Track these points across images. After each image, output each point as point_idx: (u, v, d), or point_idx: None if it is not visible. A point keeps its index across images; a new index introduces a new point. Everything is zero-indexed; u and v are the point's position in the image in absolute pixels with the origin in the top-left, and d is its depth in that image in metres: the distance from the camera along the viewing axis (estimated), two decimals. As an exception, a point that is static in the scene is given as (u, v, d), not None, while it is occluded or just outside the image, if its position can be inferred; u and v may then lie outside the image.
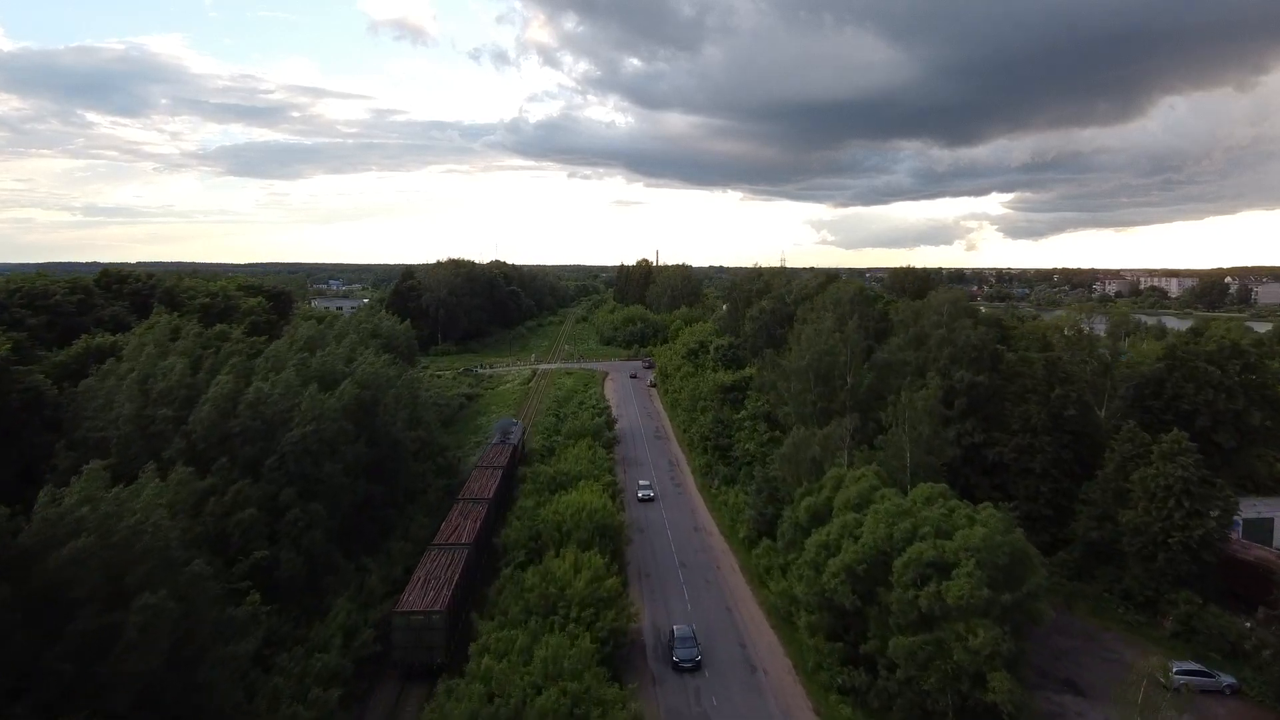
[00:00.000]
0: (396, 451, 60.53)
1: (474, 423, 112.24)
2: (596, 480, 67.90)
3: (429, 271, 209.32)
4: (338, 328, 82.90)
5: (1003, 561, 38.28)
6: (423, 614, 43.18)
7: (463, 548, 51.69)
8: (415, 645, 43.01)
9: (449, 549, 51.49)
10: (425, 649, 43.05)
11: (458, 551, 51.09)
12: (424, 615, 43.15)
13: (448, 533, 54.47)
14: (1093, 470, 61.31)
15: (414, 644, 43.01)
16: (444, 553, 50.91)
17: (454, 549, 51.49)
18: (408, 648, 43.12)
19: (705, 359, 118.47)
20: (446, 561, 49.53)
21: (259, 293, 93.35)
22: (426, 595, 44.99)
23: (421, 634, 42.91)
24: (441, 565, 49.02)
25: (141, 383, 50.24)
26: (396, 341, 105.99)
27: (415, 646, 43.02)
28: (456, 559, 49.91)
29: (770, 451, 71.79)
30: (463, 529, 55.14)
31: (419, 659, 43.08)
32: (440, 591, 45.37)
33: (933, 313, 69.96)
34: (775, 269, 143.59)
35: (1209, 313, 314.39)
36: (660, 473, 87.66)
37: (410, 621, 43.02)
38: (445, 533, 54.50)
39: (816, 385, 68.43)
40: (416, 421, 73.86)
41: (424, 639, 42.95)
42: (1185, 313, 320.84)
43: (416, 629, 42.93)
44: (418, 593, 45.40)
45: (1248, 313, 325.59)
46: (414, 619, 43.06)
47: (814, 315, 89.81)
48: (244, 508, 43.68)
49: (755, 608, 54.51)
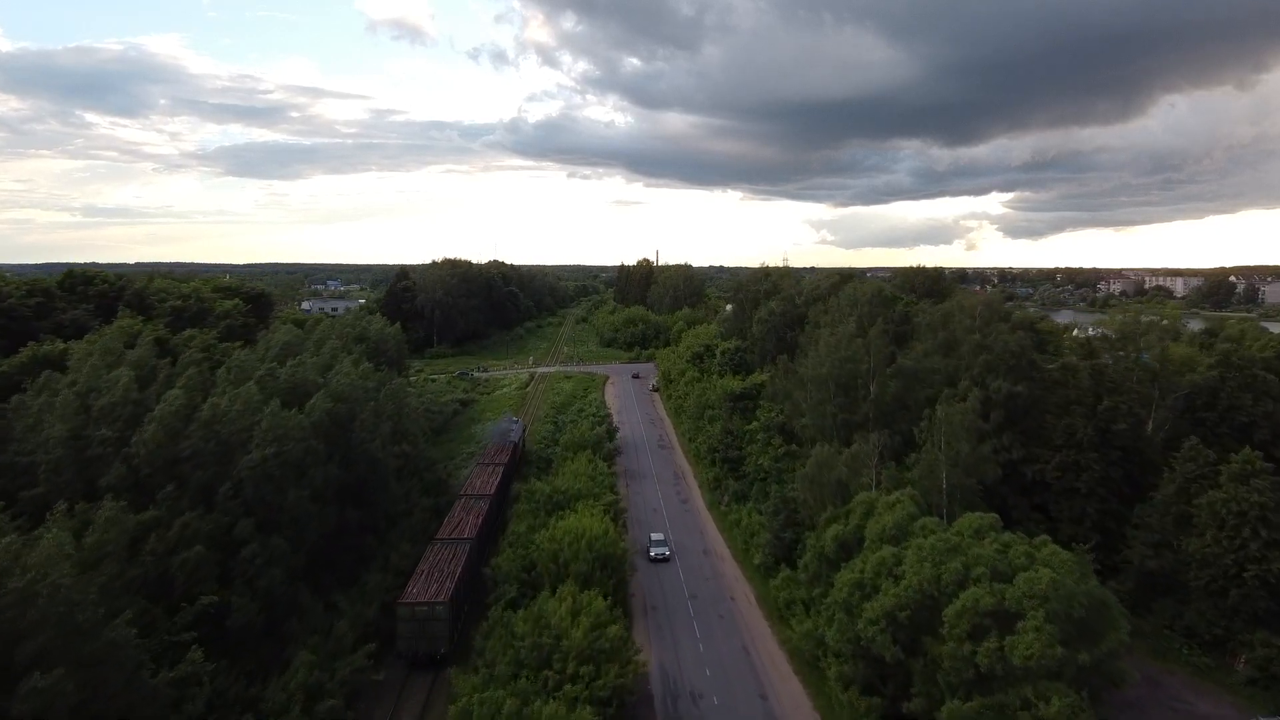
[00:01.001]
0: (376, 471, 54.65)
1: (467, 431, 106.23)
2: (597, 500, 61.98)
3: (424, 272, 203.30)
4: (318, 333, 76.99)
5: (1078, 614, 32.46)
6: (427, 605, 44.38)
7: (465, 542, 52.75)
8: (420, 635, 44.24)
9: (452, 543, 52.58)
10: (429, 639, 44.30)
11: (460, 545, 52.20)
12: (428, 606, 44.34)
13: (450, 527, 55.64)
14: (1143, 490, 55.59)
15: (418, 634, 44.23)
16: (447, 547, 52.01)
17: (456, 543, 52.55)
18: (412, 638, 44.29)
19: (711, 363, 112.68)
20: (449, 555, 50.70)
21: (236, 294, 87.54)
22: (430, 587, 46.23)
23: (426, 624, 44.19)
24: (445, 559, 50.16)
25: (82, 397, 44.43)
26: (386, 345, 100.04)
27: (420, 637, 44.26)
28: (459, 553, 51.10)
29: (786, 467, 65.97)
30: (465, 524, 56.31)
31: (423, 649, 44.37)
32: (444, 583, 46.60)
33: (965, 316, 64.09)
34: (783, 269, 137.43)
35: (1217, 312, 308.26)
36: (665, 486, 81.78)
37: (415, 612, 44.21)
38: (448, 528, 55.68)
39: (837, 395, 62.67)
40: (402, 435, 68.01)
41: (428, 629, 44.21)
42: (1192, 312, 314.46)
43: (421, 619, 44.18)
44: (422, 585, 46.57)
45: (1256, 312, 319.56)
46: (418, 610, 44.24)
47: (828, 318, 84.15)
48: (191, 545, 37.83)
49: (775, 648, 48.64)
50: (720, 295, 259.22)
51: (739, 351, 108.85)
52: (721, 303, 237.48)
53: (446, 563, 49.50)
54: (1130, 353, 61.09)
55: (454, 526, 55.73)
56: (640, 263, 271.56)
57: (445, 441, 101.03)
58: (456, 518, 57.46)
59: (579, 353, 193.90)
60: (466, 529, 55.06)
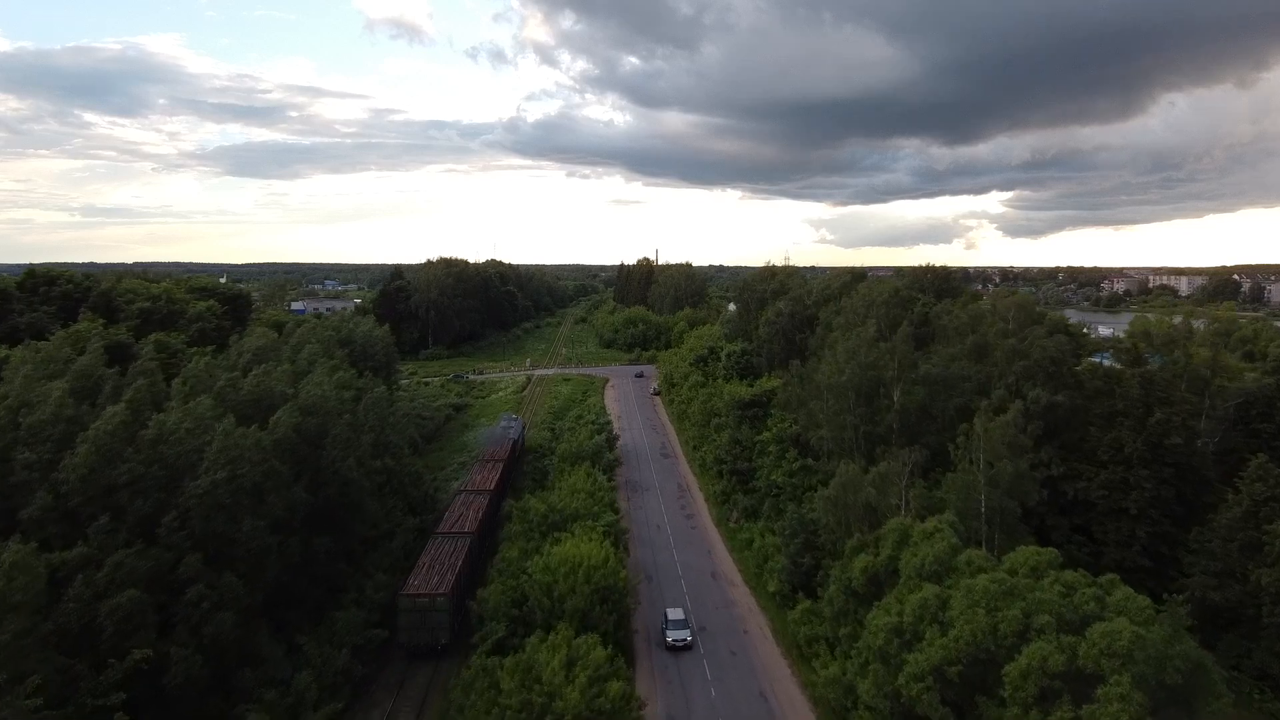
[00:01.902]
0: (349, 493, 49.28)
1: (459, 439, 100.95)
2: (596, 521, 56.70)
3: (419, 272, 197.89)
4: (297, 337, 71.61)
5: (1173, 681, 27.18)
6: (428, 597, 44.89)
7: (465, 536, 53.53)
8: (420, 627, 44.68)
9: (452, 537, 53.27)
10: (430, 630, 44.73)
11: (460, 540, 52.85)
12: (429, 598, 44.86)
13: (451, 522, 56.41)
14: (1197, 512, 50.38)
15: (419, 625, 44.66)
16: (448, 540, 52.70)
17: (457, 537, 53.30)
18: (413, 629, 44.76)
19: (715, 367, 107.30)
20: (450, 549, 51.35)
21: (213, 295, 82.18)
22: (431, 580, 46.77)
23: (426, 616, 44.66)
24: (445, 552, 50.81)
25: (12, 414, 39.09)
26: (373, 349, 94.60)
27: (420, 628, 44.70)
28: (460, 546, 51.80)
29: (802, 483, 60.62)
30: (465, 519, 57.05)
31: (424, 640, 44.83)
32: (444, 576, 47.18)
33: (997, 318, 58.79)
34: (789, 268, 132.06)
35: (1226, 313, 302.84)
36: (669, 500, 76.53)
37: (416, 604, 44.78)
38: (449, 522, 56.49)
39: (857, 405, 57.42)
40: (385, 448, 62.66)
41: (429, 621, 44.67)
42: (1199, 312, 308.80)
43: (422, 611, 44.67)
44: (423, 577, 47.09)
45: (1264, 311, 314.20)
46: (419, 602, 44.82)
47: (841, 320, 78.97)
48: (123, 588, 32.51)
49: (797, 692, 43.31)
50: (721, 295, 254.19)
51: (745, 355, 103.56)
52: (723, 303, 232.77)
53: (447, 556, 50.24)
54: (1180, 357, 55.88)
55: (455, 521, 56.52)
56: (640, 262, 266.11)
57: (436, 450, 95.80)
58: (457, 512, 58.33)
59: (578, 354, 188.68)
60: (467, 523, 55.88)
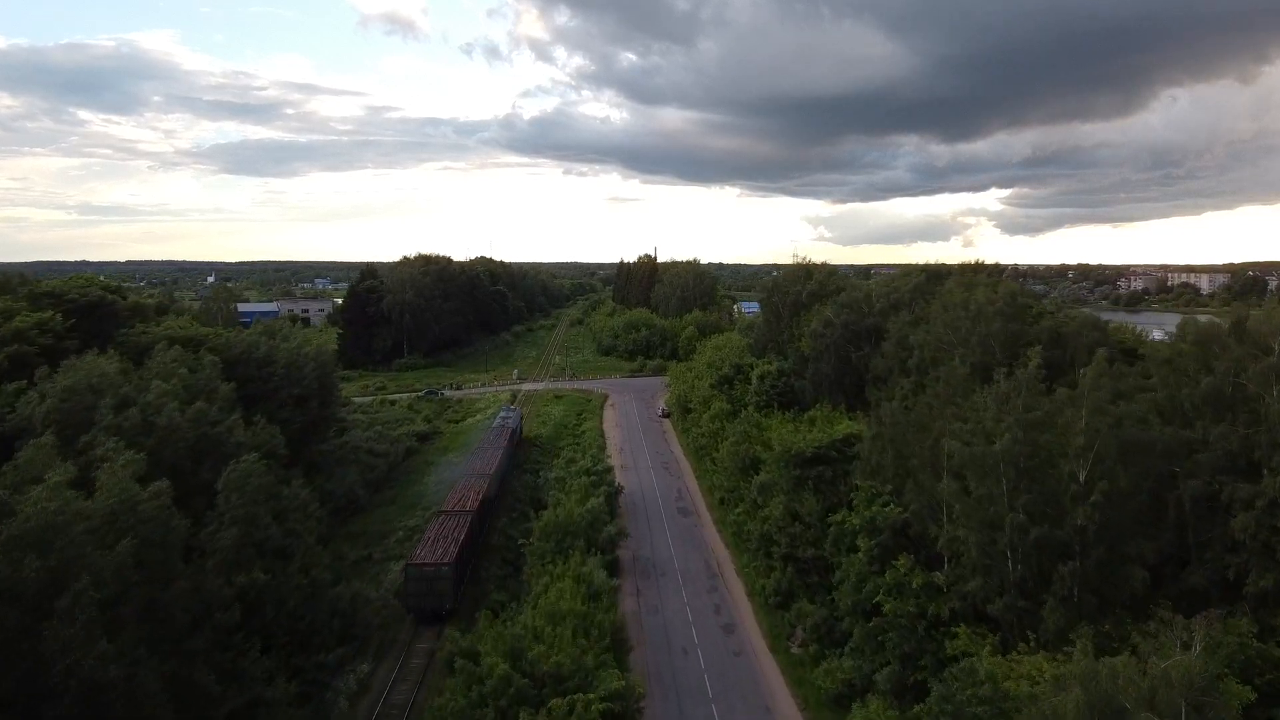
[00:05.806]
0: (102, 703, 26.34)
1: (417, 484, 78.18)
2: (592, 688, 33.97)
3: (392, 270, 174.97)
4: (158, 367, 48.84)
5: None
6: (433, 566, 48.95)
7: (467, 514, 57.50)
8: (427, 593, 48.69)
9: (455, 515, 57.40)
10: (436, 596, 48.70)
11: (463, 516, 56.93)
12: (434, 567, 48.90)
13: (454, 500, 60.90)
14: None
15: (426, 592, 48.71)
16: (451, 517, 56.86)
17: (460, 514, 57.37)
18: (420, 595, 48.78)
19: (744, 390, 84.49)
20: (454, 524, 55.31)
21: (60, 304, 59.34)
22: (436, 550, 50.61)
23: (433, 583, 48.67)
24: (449, 527, 54.71)
25: None
26: (301, 373, 71.41)
27: (427, 594, 48.69)
28: (462, 522, 55.74)
29: (924, 609, 37.74)
30: (467, 498, 61.11)
31: (430, 605, 48.77)
32: (448, 548, 51.02)
33: (1249, 345, 36.02)
34: (829, 266, 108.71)
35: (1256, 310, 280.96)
36: (696, 596, 53.79)
37: (423, 573, 48.72)
38: (452, 500, 61.00)
39: (1026, 490, 34.90)
40: (269, 548, 40.02)
41: (434, 587, 48.67)
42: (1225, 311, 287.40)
43: (429, 579, 48.67)
44: (429, 549, 51.00)
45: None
46: (426, 570, 48.77)
47: (928, 336, 56.64)
48: None
49: None
50: (725, 294, 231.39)
51: (784, 376, 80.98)
52: (730, 302, 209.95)
53: (451, 530, 54.07)
54: None
55: (458, 499, 60.96)
56: (642, 259, 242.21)
57: (382, 504, 73.03)
58: (460, 492, 62.92)
59: (573, 363, 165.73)
60: (469, 502, 60.21)
